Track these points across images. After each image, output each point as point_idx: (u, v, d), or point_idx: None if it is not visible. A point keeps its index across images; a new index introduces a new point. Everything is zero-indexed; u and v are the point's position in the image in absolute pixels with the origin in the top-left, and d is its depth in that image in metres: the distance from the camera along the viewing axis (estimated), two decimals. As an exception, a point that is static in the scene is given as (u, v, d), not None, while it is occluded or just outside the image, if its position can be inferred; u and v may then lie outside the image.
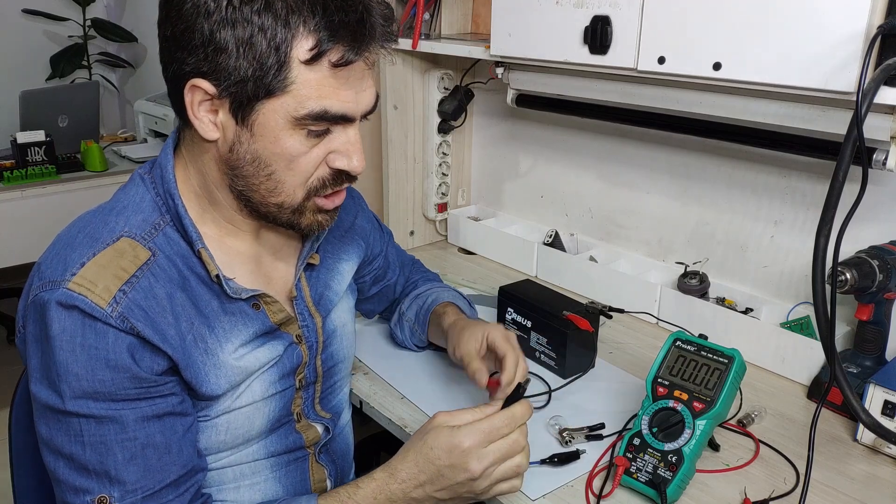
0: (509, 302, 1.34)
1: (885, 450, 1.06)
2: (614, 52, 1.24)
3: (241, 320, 0.91)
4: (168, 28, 0.81)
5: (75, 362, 0.78)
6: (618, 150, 1.62)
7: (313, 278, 1.04)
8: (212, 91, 0.80)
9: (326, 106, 0.81)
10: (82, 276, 0.80)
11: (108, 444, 0.80)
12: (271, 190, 0.87)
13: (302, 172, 0.86)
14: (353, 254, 1.14)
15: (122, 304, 0.80)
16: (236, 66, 0.78)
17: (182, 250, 0.88)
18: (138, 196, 0.89)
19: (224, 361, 0.89)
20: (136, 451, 0.81)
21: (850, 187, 0.89)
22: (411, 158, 1.83)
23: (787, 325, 1.31)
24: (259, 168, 0.85)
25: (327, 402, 1.08)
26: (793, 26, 1.03)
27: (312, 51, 0.78)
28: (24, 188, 2.43)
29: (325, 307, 1.05)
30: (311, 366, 1.02)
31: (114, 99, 4.01)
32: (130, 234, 0.85)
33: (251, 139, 0.83)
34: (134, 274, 0.82)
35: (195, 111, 0.83)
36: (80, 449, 0.80)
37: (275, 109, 0.81)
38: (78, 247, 0.83)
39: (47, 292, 0.80)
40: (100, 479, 0.80)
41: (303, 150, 0.84)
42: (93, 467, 0.80)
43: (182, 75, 0.81)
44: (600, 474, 1.01)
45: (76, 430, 0.79)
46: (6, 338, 3.10)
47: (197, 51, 0.79)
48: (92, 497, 0.80)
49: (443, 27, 1.72)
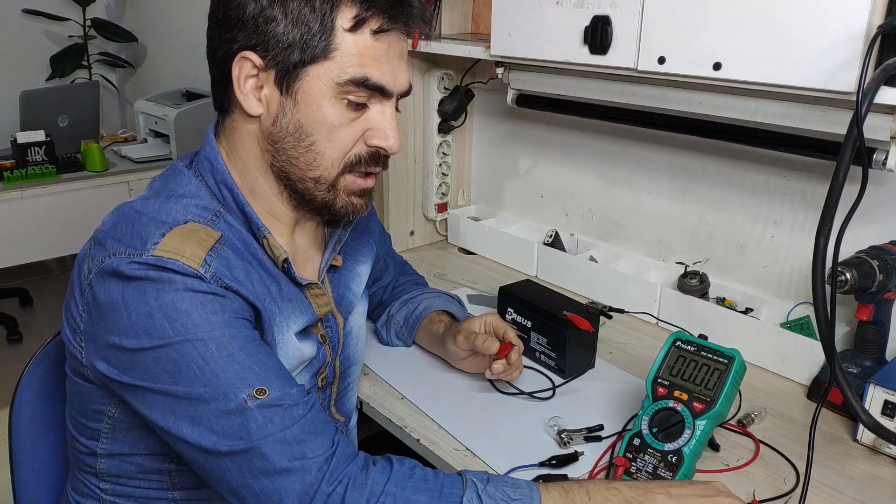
0: (509, 302, 1.34)
1: (885, 450, 1.06)
2: (614, 52, 1.24)
3: (298, 308, 0.93)
4: (220, 12, 0.86)
5: (183, 301, 0.78)
6: (618, 150, 1.62)
7: (335, 280, 1.06)
8: (259, 63, 0.85)
9: (367, 73, 0.86)
10: (166, 244, 0.80)
11: (236, 358, 0.78)
12: (310, 162, 0.89)
13: (340, 145, 0.89)
14: (368, 256, 1.15)
15: (212, 265, 0.81)
16: (284, 33, 0.83)
17: (244, 238, 0.90)
18: (192, 186, 0.90)
19: (290, 340, 0.91)
20: (264, 360, 0.81)
21: (849, 187, 0.89)
22: (411, 158, 1.84)
23: (787, 325, 1.31)
24: (300, 138, 0.88)
25: (341, 404, 1.09)
26: (793, 26, 1.03)
27: (355, 18, 0.84)
28: (24, 188, 2.44)
29: (346, 308, 1.06)
30: (331, 366, 1.03)
31: (114, 99, 4.01)
32: (196, 221, 0.86)
33: (294, 108, 0.86)
34: (214, 245, 0.84)
35: (241, 86, 0.86)
36: (213, 370, 0.77)
37: (318, 75, 0.85)
38: (147, 224, 0.83)
39: (127, 259, 0.79)
40: (247, 379, 0.78)
41: (343, 120, 0.88)
42: (234, 375, 0.78)
43: (230, 53, 0.86)
44: (600, 474, 1.01)
45: (201, 356, 0.77)
46: (6, 338, 3.11)
47: (246, 25, 0.84)
48: (248, 391, 0.77)
49: (443, 27, 1.72)
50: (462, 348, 1.18)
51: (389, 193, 1.82)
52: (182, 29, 3.40)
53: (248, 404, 0.77)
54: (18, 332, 3.12)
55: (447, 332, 1.23)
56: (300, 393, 0.81)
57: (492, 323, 1.17)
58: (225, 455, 0.77)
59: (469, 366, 1.23)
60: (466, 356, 1.21)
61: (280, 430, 0.77)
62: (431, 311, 1.29)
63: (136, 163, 2.77)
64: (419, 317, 1.29)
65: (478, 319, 1.19)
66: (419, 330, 1.30)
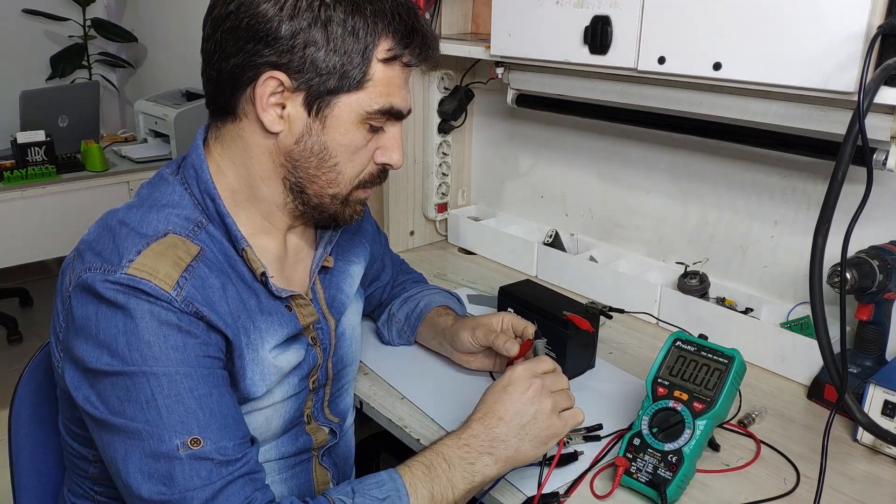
0: (509, 302, 1.34)
1: (885, 450, 1.06)
2: (614, 52, 1.24)
3: (277, 321, 0.93)
4: (237, 20, 0.83)
5: (146, 331, 0.78)
6: (618, 150, 1.62)
7: (327, 281, 1.06)
8: (288, 84, 0.85)
9: (393, 103, 0.90)
10: (142, 262, 0.80)
11: (183, 400, 0.78)
12: (331, 181, 0.92)
13: (360, 164, 0.93)
14: (361, 256, 1.15)
15: (184, 289, 0.81)
16: (324, 60, 0.84)
17: (224, 249, 0.89)
18: (176, 194, 0.90)
19: (264, 358, 0.90)
20: (213, 407, 0.80)
21: (849, 188, 0.89)
22: (411, 158, 1.83)
23: (787, 325, 1.31)
24: (324, 159, 0.90)
25: (335, 405, 1.09)
26: (793, 26, 1.03)
27: (391, 51, 0.87)
28: (24, 188, 2.43)
29: (337, 310, 1.06)
30: (323, 368, 1.03)
31: (114, 99, 4.01)
32: (176, 232, 0.85)
33: (322, 131, 0.88)
34: (190, 263, 0.83)
35: (263, 103, 0.86)
36: (157, 407, 0.77)
37: (350, 104, 0.87)
38: (125, 238, 0.82)
39: (101, 275, 0.78)
40: (185, 426, 0.78)
41: (363, 143, 0.91)
42: (176, 418, 0.78)
43: (250, 66, 0.84)
44: (600, 475, 1.01)
45: (150, 392, 0.77)
46: (6, 338, 3.11)
47: (279, 43, 0.83)
48: (183, 439, 0.77)
49: (443, 27, 1.72)
50: (479, 343, 1.17)
51: (389, 193, 1.82)
52: (182, 29, 3.40)
53: (178, 452, 0.77)
54: (18, 332, 3.12)
55: (458, 324, 1.21)
56: (238, 448, 0.80)
57: (510, 322, 1.15)
58: (146, 500, 0.77)
59: (476, 362, 1.22)
60: (478, 352, 1.20)
61: (204, 484, 0.76)
62: (433, 306, 1.29)
63: (136, 163, 2.77)
64: (422, 312, 1.29)
65: (496, 317, 1.17)
66: (422, 325, 1.29)
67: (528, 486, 0.97)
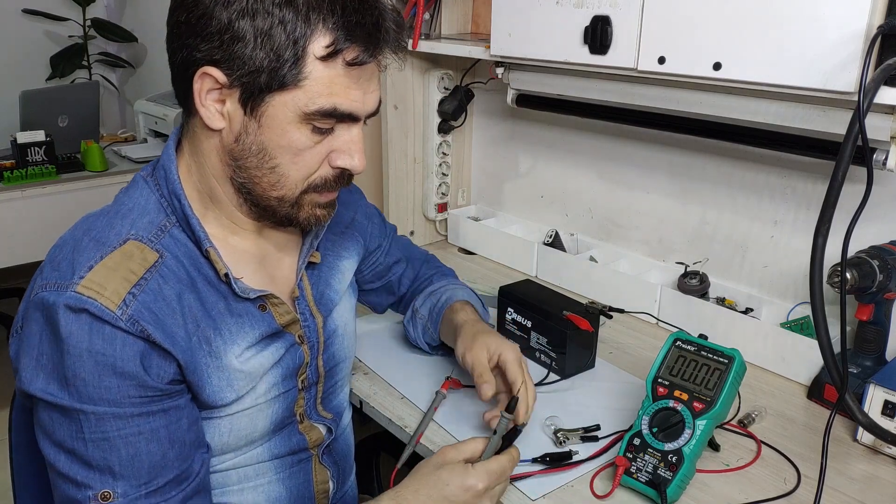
0: (509, 302, 1.34)
1: (885, 450, 1.06)
2: (614, 52, 1.24)
3: (248, 322, 0.91)
4: (182, 13, 0.81)
5: (82, 367, 0.78)
6: (618, 150, 1.61)
7: (314, 277, 1.04)
8: (222, 80, 0.81)
9: (336, 103, 0.83)
10: (91, 279, 0.79)
11: (111, 441, 0.80)
12: (273, 183, 0.87)
13: (305, 167, 0.87)
14: (352, 250, 1.13)
15: (131, 306, 0.80)
16: (252, 56, 0.79)
17: (189, 251, 0.88)
18: (143, 198, 0.89)
19: (228, 365, 0.89)
20: (140, 448, 0.81)
21: (849, 188, 0.89)
22: (411, 158, 1.83)
23: (787, 325, 1.31)
24: (263, 160, 0.85)
25: (329, 402, 1.08)
26: (793, 26, 1.03)
27: (329, 48, 0.80)
28: (24, 188, 2.43)
29: (326, 307, 1.04)
30: (312, 366, 1.02)
31: (114, 99, 4.01)
32: (137, 237, 0.85)
33: (258, 130, 0.84)
34: (143, 276, 0.82)
35: (202, 99, 0.83)
36: (83, 445, 0.79)
37: (285, 102, 0.82)
38: (84, 250, 0.82)
39: (54, 293, 0.79)
40: (102, 475, 0.80)
41: (308, 144, 0.85)
42: (95, 463, 0.80)
43: (192, 62, 0.82)
44: (601, 474, 1.01)
45: (78, 427, 0.79)
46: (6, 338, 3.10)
47: (212, 38, 0.79)
48: (94, 492, 0.79)
49: (443, 27, 1.72)
50: (467, 367, 1.08)
51: (389, 193, 1.82)
52: (182, 29, 3.39)
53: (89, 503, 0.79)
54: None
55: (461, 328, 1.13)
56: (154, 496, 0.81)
57: (507, 361, 1.04)
58: None
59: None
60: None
61: None
62: (454, 301, 1.22)
63: (137, 163, 2.76)
64: (442, 308, 1.22)
65: (493, 346, 1.06)
66: (441, 322, 1.22)
67: (530, 486, 0.97)
